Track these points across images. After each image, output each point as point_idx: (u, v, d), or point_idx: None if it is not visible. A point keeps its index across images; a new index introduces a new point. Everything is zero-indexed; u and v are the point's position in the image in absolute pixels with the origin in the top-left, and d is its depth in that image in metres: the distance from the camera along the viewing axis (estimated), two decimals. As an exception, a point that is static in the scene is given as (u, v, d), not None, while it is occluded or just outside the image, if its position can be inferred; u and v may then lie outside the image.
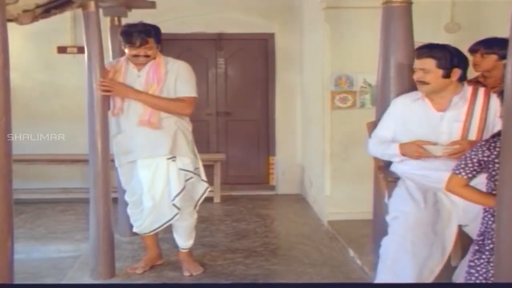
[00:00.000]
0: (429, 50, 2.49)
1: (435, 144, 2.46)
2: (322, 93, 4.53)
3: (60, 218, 4.73)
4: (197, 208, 3.36)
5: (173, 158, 3.11)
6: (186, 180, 3.17)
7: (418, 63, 2.52)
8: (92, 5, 3.00)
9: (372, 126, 3.11)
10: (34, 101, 5.43)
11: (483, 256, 1.94)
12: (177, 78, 3.12)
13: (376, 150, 2.73)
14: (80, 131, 3.93)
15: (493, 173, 1.90)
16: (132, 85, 3.11)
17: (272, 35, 5.73)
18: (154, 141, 3.09)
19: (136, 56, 3.08)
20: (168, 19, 5.38)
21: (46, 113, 5.40)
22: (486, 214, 1.96)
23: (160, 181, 3.11)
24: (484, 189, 2.00)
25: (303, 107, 5.59)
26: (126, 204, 3.38)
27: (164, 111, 3.09)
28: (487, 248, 1.93)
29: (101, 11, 3.36)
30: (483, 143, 1.95)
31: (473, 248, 2.03)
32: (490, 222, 1.92)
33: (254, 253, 3.75)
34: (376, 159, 3.11)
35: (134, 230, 3.38)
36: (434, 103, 2.54)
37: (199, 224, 4.25)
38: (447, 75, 2.46)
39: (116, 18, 3.95)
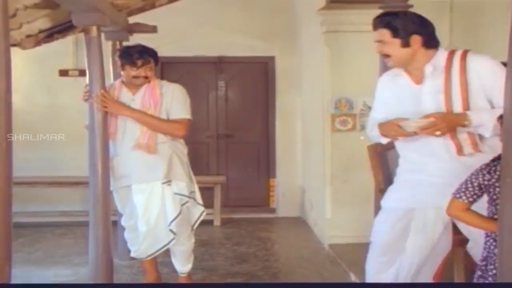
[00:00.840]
0: (383, 19, 2.24)
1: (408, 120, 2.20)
2: (322, 115, 4.55)
3: (59, 241, 4.70)
4: (193, 231, 3.33)
5: (168, 182, 3.09)
6: (182, 205, 3.14)
7: (375, 35, 2.27)
8: (94, 30, 3.03)
9: (373, 149, 3.12)
10: (35, 124, 5.44)
11: (486, 282, 1.92)
12: (172, 100, 3.13)
13: (369, 134, 2.50)
14: (81, 154, 3.93)
15: (494, 197, 1.89)
16: None
17: (272, 58, 5.78)
18: (149, 166, 3.07)
19: (136, 77, 3.11)
20: (168, 42, 5.44)
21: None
22: (488, 239, 1.94)
23: (155, 206, 3.08)
24: (485, 213, 1.99)
25: (303, 129, 5.61)
26: (124, 227, 3.36)
27: (156, 131, 3.08)
28: (490, 274, 1.90)
29: (103, 35, 3.40)
30: (483, 166, 1.95)
31: (477, 273, 2.00)
32: (492, 247, 1.90)
33: (254, 278, 3.71)
34: (377, 182, 3.10)
35: (132, 254, 3.35)
36: (412, 76, 2.27)
37: (199, 248, 4.22)
38: (406, 44, 2.19)
39: (117, 42, 3.99)
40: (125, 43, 3.93)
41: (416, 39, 2.20)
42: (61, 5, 2.86)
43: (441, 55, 2.22)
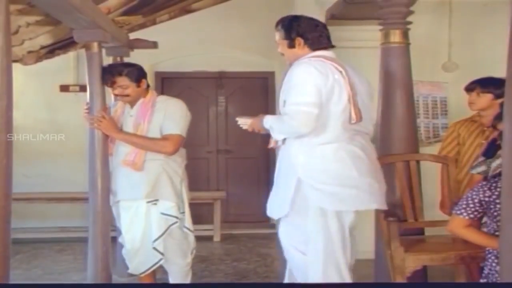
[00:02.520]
0: (278, 23, 2.53)
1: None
2: (322, 131, 4.54)
3: (58, 258, 4.66)
4: (191, 253, 3.28)
5: (154, 201, 3.05)
6: (171, 225, 3.08)
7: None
8: (95, 45, 3.05)
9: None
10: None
11: (488, 299, 1.91)
12: (165, 116, 3.06)
13: None
14: (80, 169, 3.93)
15: (495, 213, 1.89)
16: (126, 124, 3.11)
17: (272, 74, 5.81)
18: (133, 183, 3.03)
19: (116, 95, 3.12)
20: (169, 58, 5.48)
21: (47, 151, 5.41)
22: (489, 255, 1.93)
23: (139, 225, 3.05)
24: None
25: (303, 144, 5.60)
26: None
27: (144, 149, 3.03)
28: (492, 291, 1.89)
29: (104, 51, 3.41)
30: (484, 183, 1.95)
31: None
32: (494, 264, 1.89)
33: (254, 294, 3.68)
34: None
35: (128, 271, 3.33)
36: None
37: (199, 264, 4.19)
38: (291, 45, 2.47)
39: (118, 58, 4.01)
40: (126, 60, 3.96)
41: (299, 41, 2.44)
42: (63, 22, 2.88)
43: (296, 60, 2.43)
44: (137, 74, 3.07)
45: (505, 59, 1.57)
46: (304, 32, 2.43)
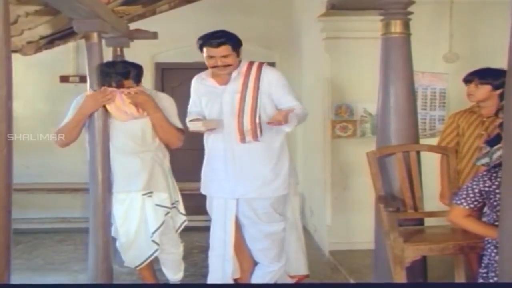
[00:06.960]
0: (222, 38, 2.86)
1: (199, 119, 2.90)
2: (322, 122, 4.55)
3: (58, 248, 4.68)
4: (181, 241, 3.32)
5: (149, 193, 3.06)
6: (165, 215, 3.10)
7: (215, 52, 2.85)
8: (95, 36, 3.03)
9: (373, 155, 3.12)
10: (36, 130, 5.44)
11: (488, 288, 1.92)
12: (165, 111, 3.08)
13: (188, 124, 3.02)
14: (81, 160, 3.93)
15: (495, 203, 1.89)
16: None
17: (272, 64, 5.76)
18: (129, 175, 3.03)
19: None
20: (169, 48, 5.46)
21: (47, 141, 5.40)
22: (489, 245, 1.94)
23: (134, 218, 3.06)
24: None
25: (303, 136, 5.60)
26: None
27: (165, 134, 3.05)
28: (491, 281, 1.90)
29: (103, 41, 3.40)
30: (484, 173, 1.95)
31: (478, 281, 2.00)
32: (493, 254, 1.90)
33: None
34: (376, 189, 3.10)
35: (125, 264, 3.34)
36: (219, 79, 2.95)
37: (199, 254, 4.21)
38: (238, 55, 2.91)
39: (118, 48, 4.00)
40: (126, 50, 3.95)
41: (242, 50, 2.93)
42: (62, 12, 2.87)
43: (243, 64, 2.93)
44: (140, 75, 3.10)
45: (506, 50, 1.57)
46: (240, 42, 2.91)
